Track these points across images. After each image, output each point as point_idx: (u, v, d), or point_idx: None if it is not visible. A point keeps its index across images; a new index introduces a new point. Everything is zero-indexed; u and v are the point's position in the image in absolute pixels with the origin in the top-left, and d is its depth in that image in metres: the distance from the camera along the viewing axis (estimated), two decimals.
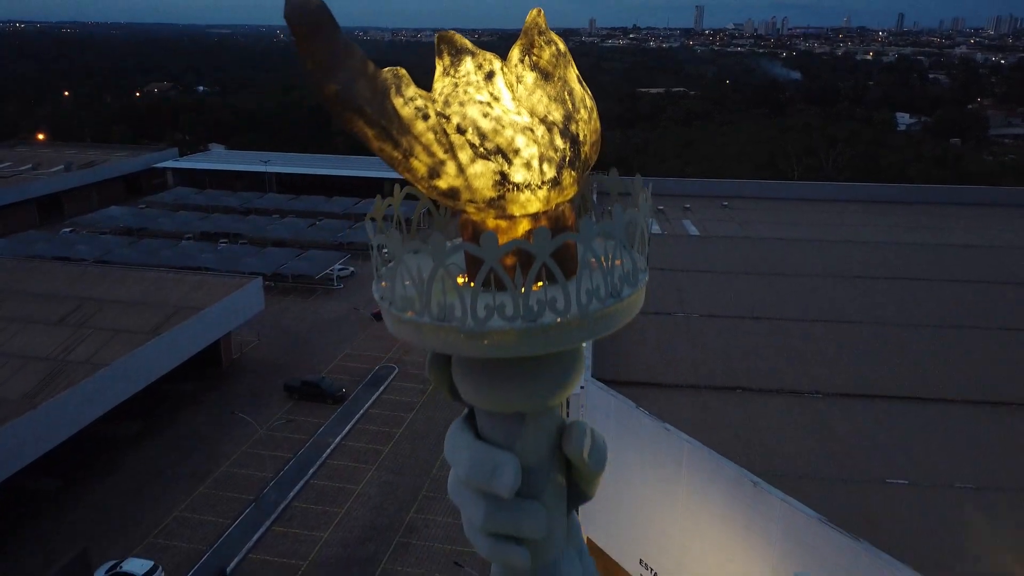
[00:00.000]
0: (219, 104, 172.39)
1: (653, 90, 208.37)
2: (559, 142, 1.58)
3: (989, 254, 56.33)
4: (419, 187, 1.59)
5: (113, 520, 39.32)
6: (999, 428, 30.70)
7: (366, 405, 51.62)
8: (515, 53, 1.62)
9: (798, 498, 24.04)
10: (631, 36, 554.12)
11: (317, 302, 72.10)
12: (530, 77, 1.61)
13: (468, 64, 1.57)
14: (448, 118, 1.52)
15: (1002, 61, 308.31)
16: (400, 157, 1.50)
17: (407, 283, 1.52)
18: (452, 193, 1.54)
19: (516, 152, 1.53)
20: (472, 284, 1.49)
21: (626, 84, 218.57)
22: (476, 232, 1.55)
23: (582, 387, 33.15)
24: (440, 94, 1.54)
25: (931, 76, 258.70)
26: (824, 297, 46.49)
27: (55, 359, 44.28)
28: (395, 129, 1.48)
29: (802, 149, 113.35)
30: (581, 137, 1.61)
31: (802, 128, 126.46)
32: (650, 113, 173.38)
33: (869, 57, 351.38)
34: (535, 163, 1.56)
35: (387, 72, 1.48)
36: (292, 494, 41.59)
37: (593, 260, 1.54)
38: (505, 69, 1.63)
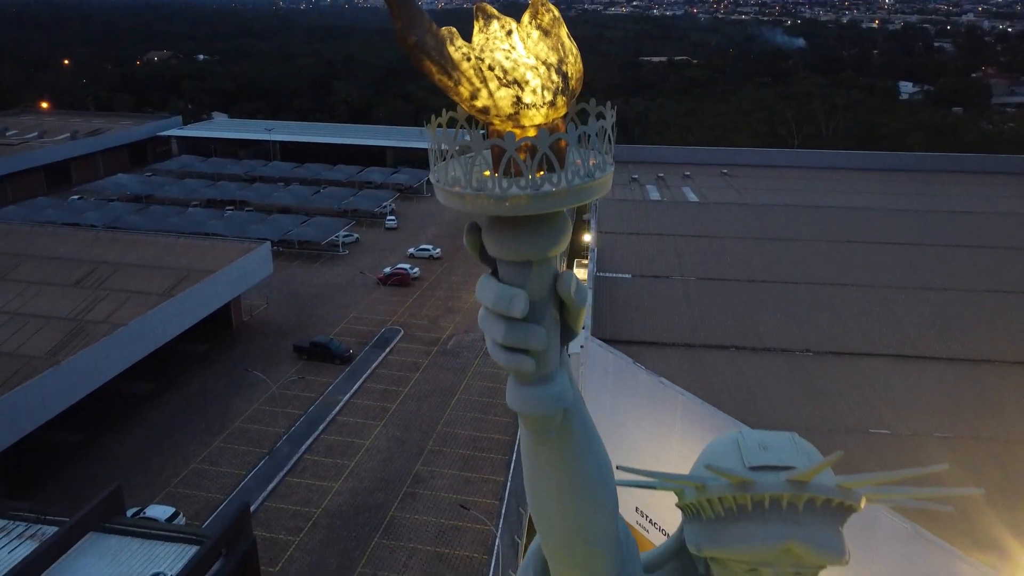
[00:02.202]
0: (220, 72, 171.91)
1: (655, 59, 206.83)
2: (554, 77, 2.23)
3: (978, 220, 57.48)
4: (463, 106, 2.25)
5: (134, 470, 41.16)
6: (976, 384, 32.29)
7: (373, 365, 53.29)
8: (525, 18, 2.33)
9: None
10: (634, 4, 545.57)
11: (323, 267, 73.52)
12: (536, 34, 2.27)
13: (495, 25, 2.25)
14: (483, 60, 2.18)
15: (1009, 29, 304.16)
16: (452, 85, 2.17)
17: (455, 170, 2.23)
18: (485, 110, 2.21)
19: (527, 83, 2.18)
20: (497, 173, 2.19)
21: (628, 53, 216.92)
22: (501, 138, 2.20)
23: (582, 346, 34.64)
24: (477, 44, 2.23)
25: (936, 44, 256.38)
26: (816, 261, 47.82)
27: (74, 319, 45.89)
28: (449, 67, 2.12)
29: (802, 117, 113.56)
30: (569, 74, 2.28)
31: (803, 96, 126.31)
32: (652, 82, 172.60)
33: (875, 25, 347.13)
34: (539, 90, 2.20)
35: (444, 29, 2.17)
36: (304, 447, 43.43)
37: (578, 160, 2.26)
38: (519, 28, 2.28)
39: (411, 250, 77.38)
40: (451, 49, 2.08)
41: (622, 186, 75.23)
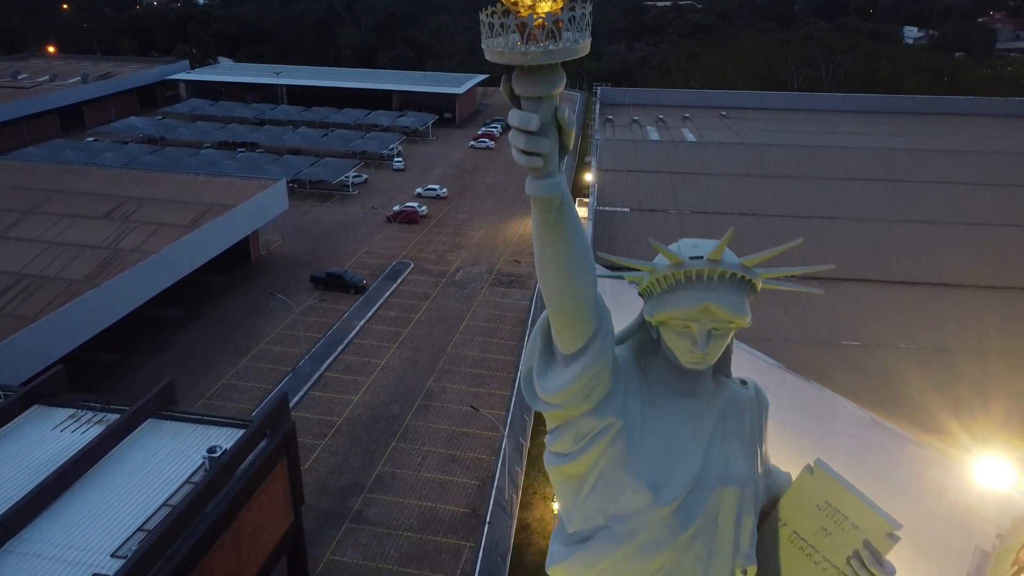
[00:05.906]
0: (223, 16, 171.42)
1: (660, 3, 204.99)
2: None
3: (964, 159, 59.91)
4: (502, 1, 3.74)
5: None
6: (943, 305, 35.53)
7: (386, 294, 56.58)
8: None
9: (762, 352, 28.73)
10: None
11: (334, 206, 76.33)
12: None
13: None
14: None
15: None
16: None
17: (498, 39, 3.65)
18: (515, 3, 3.64)
19: None
20: (522, 41, 3.83)
21: None
22: (524, 18, 3.67)
23: None
24: None
25: None
26: (806, 196, 50.60)
27: (108, 248, 49.00)
28: None
29: (802, 61, 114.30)
30: None
31: (802, 40, 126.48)
32: (656, 26, 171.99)
33: None
34: None
35: None
36: (324, 366, 46.99)
37: (570, 35, 3.82)
38: None
39: (418, 190, 79.96)
40: None
41: (622, 127, 77.35)
